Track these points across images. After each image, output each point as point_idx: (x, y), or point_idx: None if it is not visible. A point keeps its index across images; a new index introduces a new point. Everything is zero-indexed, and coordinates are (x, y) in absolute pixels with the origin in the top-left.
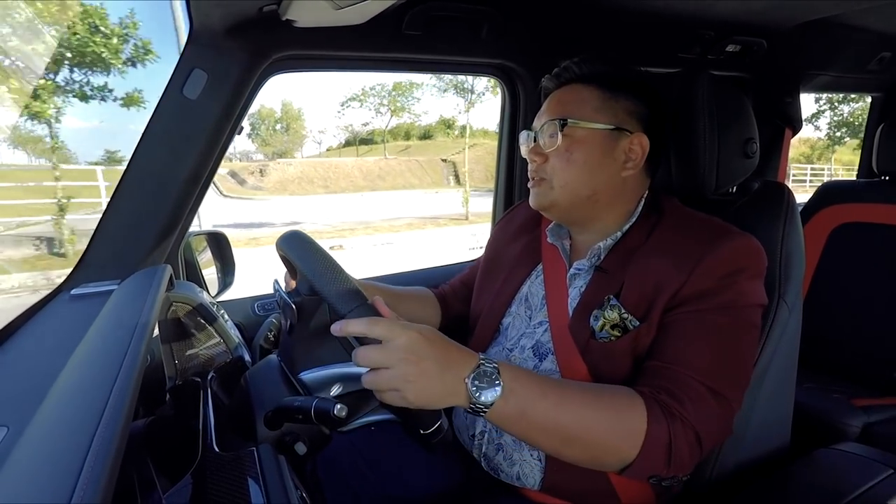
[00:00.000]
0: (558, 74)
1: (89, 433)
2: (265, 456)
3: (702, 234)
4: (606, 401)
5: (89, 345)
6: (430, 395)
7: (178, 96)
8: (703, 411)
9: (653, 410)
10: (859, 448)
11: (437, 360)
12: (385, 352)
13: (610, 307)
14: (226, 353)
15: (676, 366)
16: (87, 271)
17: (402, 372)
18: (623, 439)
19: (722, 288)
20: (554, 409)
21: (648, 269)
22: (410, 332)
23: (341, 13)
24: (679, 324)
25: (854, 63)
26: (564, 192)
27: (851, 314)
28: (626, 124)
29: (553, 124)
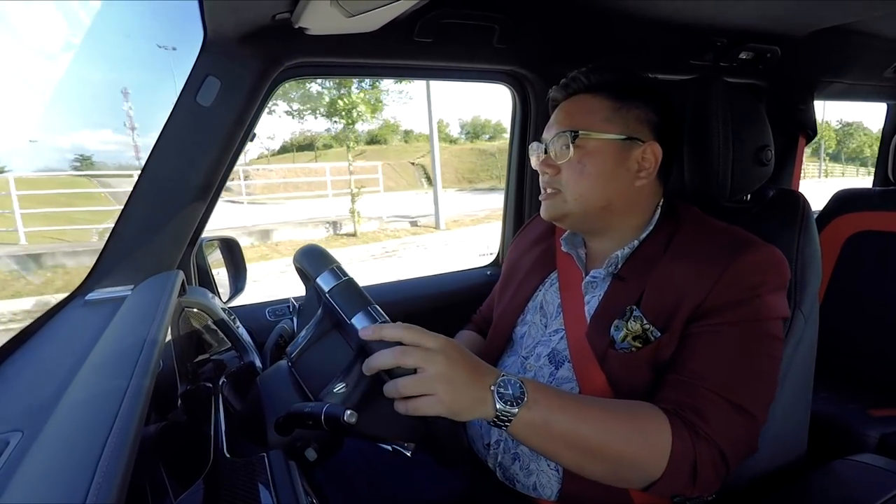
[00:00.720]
0: (566, 85)
1: (102, 438)
2: (276, 462)
3: (725, 243)
4: (629, 415)
5: (103, 350)
6: (462, 401)
7: (191, 103)
8: (727, 429)
9: (677, 428)
10: (877, 459)
11: (466, 367)
12: (422, 353)
13: (633, 318)
14: (237, 358)
15: (700, 381)
16: (102, 277)
17: (436, 372)
18: (647, 455)
19: (745, 300)
20: (576, 421)
21: (670, 279)
22: (443, 341)
23: (353, 21)
24: (702, 337)
25: (869, 71)
26: (578, 204)
27: (867, 323)
28: (637, 133)
29: (564, 136)
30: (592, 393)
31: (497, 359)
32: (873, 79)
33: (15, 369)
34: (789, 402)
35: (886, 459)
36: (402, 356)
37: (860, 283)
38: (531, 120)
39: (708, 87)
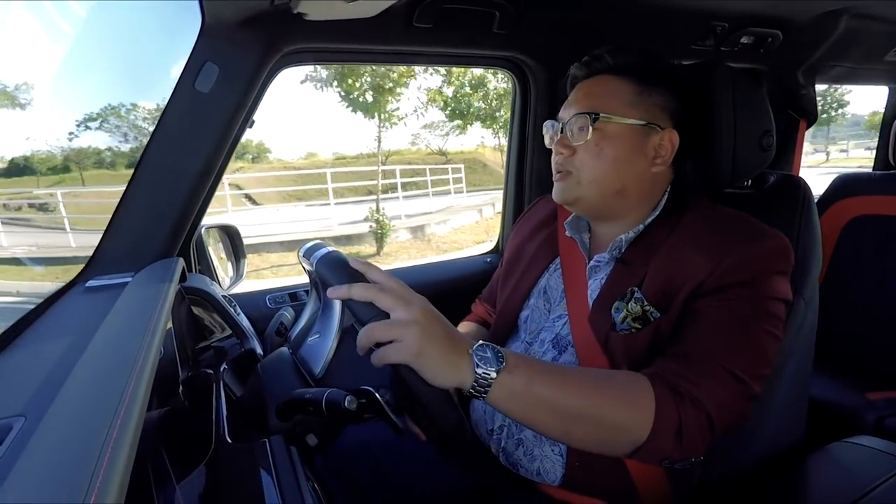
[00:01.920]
0: (588, 63)
1: (106, 423)
2: (277, 447)
3: (734, 230)
4: (611, 380)
5: (104, 337)
6: (435, 354)
7: (190, 90)
8: (716, 391)
9: (660, 390)
10: (874, 441)
11: (444, 327)
12: (397, 298)
13: (634, 300)
14: (238, 345)
15: (691, 348)
16: (102, 264)
17: (411, 318)
18: (631, 417)
19: (749, 283)
20: (558, 386)
21: (674, 262)
22: (420, 298)
23: (352, 6)
24: (699, 312)
25: (870, 54)
26: (592, 188)
27: (865, 307)
28: (657, 119)
29: (584, 117)
30: None
31: (502, 345)
32: (875, 62)
33: (16, 356)
34: (789, 386)
35: (884, 441)
36: (376, 293)
37: (859, 267)
38: (531, 107)
39: (712, 72)
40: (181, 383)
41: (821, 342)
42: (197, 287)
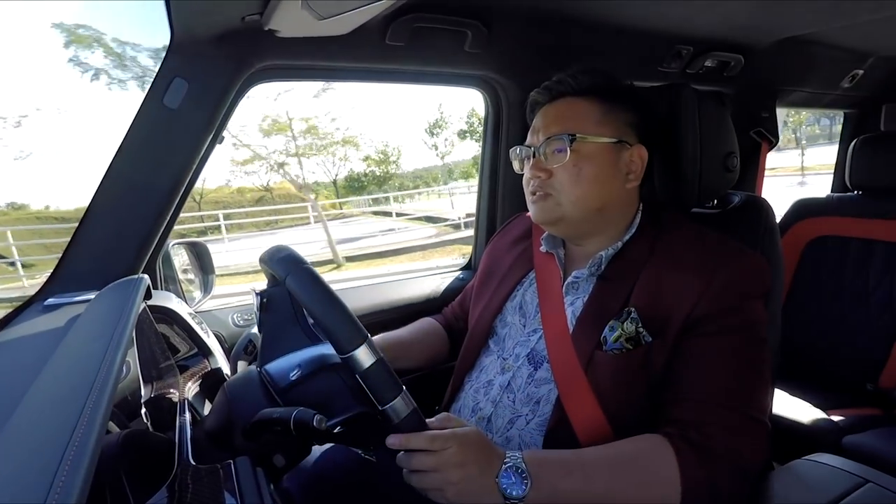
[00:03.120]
0: (550, 88)
1: (61, 447)
2: (242, 469)
3: (715, 251)
4: (632, 462)
5: (63, 356)
6: (468, 496)
7: (158, 105)
8: (740, 439)
9: (683, 455)
10: (834, 459)
11: (477, 464)
12: (437, 459)
13: (630, 320)
14: (204, 364)
15: (702, 396)
16: (63, 281)
17: (447, 477)
18: (659, 494)
19: (737, 308)
20: (583, 486)
21: (660, 284)
22: (460, 440)
23: (324, 24)
24: (697, 350)
25: (828, 80)
26: (575, 208)
27: (826, 325)
28: (626, 136)
29: (560, 140)
30: (573, 395)
31: (476, 358)
32: (832, 88)
33: None
34: None
35: (844, 460)
36: (417, 462)
37: (819, 286)
38: (503, 126)
39: (678, 94)
40: (143, 404)
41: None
42: (162, 305)
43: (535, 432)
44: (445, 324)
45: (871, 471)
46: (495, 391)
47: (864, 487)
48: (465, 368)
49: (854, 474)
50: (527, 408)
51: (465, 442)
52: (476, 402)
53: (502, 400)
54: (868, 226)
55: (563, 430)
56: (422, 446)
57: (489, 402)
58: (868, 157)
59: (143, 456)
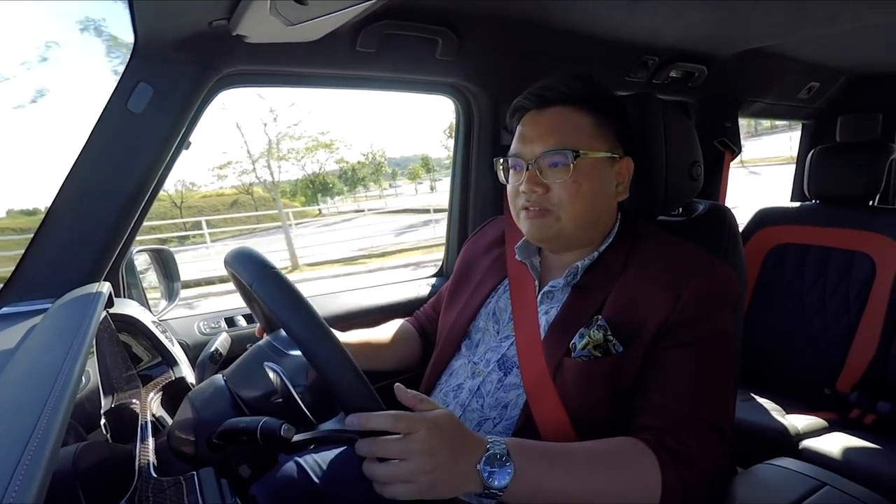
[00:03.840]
0: (541, 95)
1: (13, 461)
2: (206, 480)
3: (687, 262)
4: (617, 460)
5: (17, 368)
6: (444, 487)
7: (122, 110)
8: (709, 449)
9: (664, 461)
10: (793, 463)
11: (452, 451)
12: (404, 445)
13: (597, 327)
14: (168, 373)
15: (674, 404)
16: (19, 290)
17: (418, 465)
18: (639, 497)
19: (707, 317)
20: (567, 481)
21: (632, 294)
22: (430, 425)
23: (294, 30)
24: (670, 359)
25: (787, 91)
26: (573, 223)
27: (786, 331)
28: (615, 149)
29: (562, 154)
30: (540, 401)
31: (447, 363)
32: (790, 99)
33: None
34: None
35: (802, 463)
36: (379, 448)
37: (780, 292)
38: (474, 133)
39: (645, 103)
40: (104, 414)
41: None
42: (125, 313)
43: (501, 435)
44: (418, 326)
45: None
46: (465, 395)
47: (821, 490)
48: (437, 372)
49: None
50: (495, 412)
51: (437, 425)
52: (445, 405)
53: (471, 404)
54: (825, 234)
55: (529, 433)
56: (385, 426)
57: (458, 405)
58: (825, 167)
59: (102, 469)
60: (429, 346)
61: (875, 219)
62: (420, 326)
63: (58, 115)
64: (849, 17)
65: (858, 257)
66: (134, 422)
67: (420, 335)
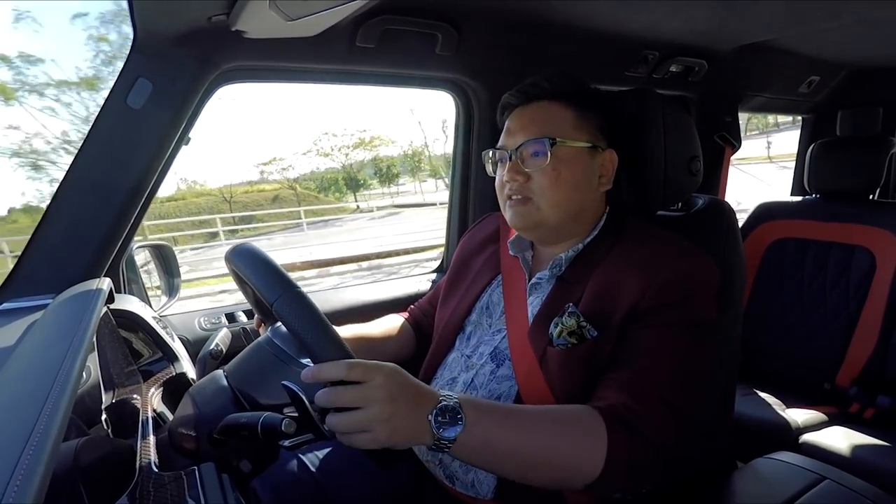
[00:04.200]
0: (524, 91)
1: (14, 456)
2: (207, 475)
3: (663, 250)
4: (566, 422)
5: (19, 361)
6: (400, 434)
7: (121, 105)
8: (661, 425)
9: (612, 428)
10: (793, 457)
11: (407, 400)
12: (361, 392)
13: (568, 314)
14: (169, 369)
15: (636, 379)
16: (20, 285)
17: (376, 412)
18: (585, 460)
19: (678, 303)
20: (516, 436)
21: (609, 281)
22: (384, 373)
23: (293, 25)
24: (638, 338)
25: (787, 86)
26: (554, 212)
27: (786, 326)
28: (598, 141)
29: (540, 143)
30: (531, 391)
31: (443, 357)
32: (790, 93)
33: None
34: (714, 403)
35: (802, 457)
36: (337, 397)
37: (780, 287)
38: (474, 128)
39: (644, 98)
40: (105, 409)
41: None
42: (125, 308)
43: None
44: (413, 321)
45: (828, 468)
46: (459, 388)
47: (821, 484)
48: (433, 367)
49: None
50: None
51: (391, 374)
52: None
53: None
54: (825, 229)
55: None
56: (339, 375)
57: None
58: (825, 162)
59: (103, 464)
60: (423, 341)
61: (875, 213)
62: (415, 321)
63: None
64: (849, 11)
65: (858, 251)
66: (135, 417)
67: (415, 329)
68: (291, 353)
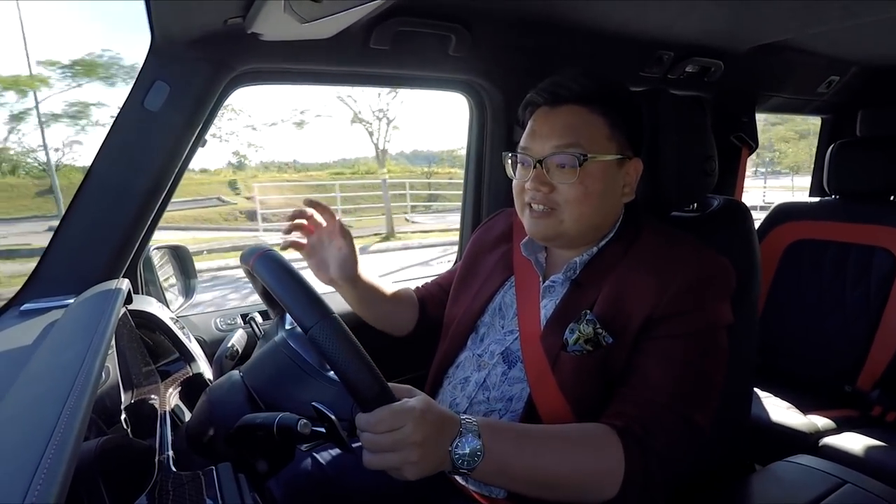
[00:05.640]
0: (553, 92)
1: (37, 455)
2: (224, 475)
3: (677, 254)
4: (583, 444)
5: (40, 362)
6: (425, 471)
7: (139, 108)
8: (675, 441)
9: (629, 449)
10: (813, 461)
11: (434, 440)
12: (394, 440)
13: (586, 322)
14: (186, 369)
15: (652, 395)
16: (40, 286)
17: (405, 456)
18: (602, 481)
19: (694, 310)
20: (533, 460)
21: (624, 286)
22: (416, 418)
23: (307, 27)
24: (653, 350)
25: (804, 86)
26: (577, 225)
27: (805, 328)
28: (626, 151)
29: (570, 157)
30: (543, 394)
31: (454, 356)
32: (808, 93)
33: None
34: (730, 405)
35: (822, 461)
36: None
37: (798, 289)
38: (487, 130)
39: (657, 99)
40: (124, 409)
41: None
42: (143, 309)
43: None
44: (419, 296)
45: (849, 471)
46: (471, 387)
47: (842, 488)
48: (445, 365)
49: (833, 475)
50: (500, 404)
51: (421, 417)
52: (453, 397)
53: (477, 396)
54: (845, 230)
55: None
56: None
57: (465, 397)
58: (845, 162)
59: (123, 463)
60: (425, 317)
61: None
62: (421, 297)
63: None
64: (866, 9)
65: (879, 253)
66: (153, 417)
67: (420, 304)
68: (307, 357)
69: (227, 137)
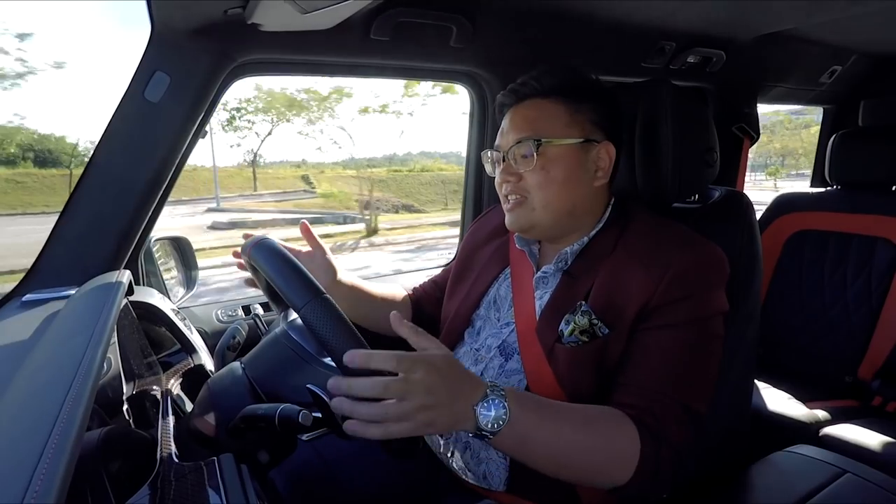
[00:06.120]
0: (515, 90)
1: (39, 445)
2: (226, 465)
3: (670, 242)
4: (600, 426)
5: (42, 352)
6: (439, 425)
7: (139, 99)
8: (682, 430)
9: (643, 436)
10: (814, 451)
11: (449, 391)
12: (403, 384)
13: (581, 313)
14: (187, 361)
15: (653, 384)
16: (41, 277)
17: (416, 403)
18: (617, 464)
19: (688, 298)
20: (552, 437)
21: (618, 277)
22: (429, 364)
23: (308, 18)
24: (650, 339)
25: (807, 76)
26: (546, 212)
27: (806, 319)
28: (592, 134)
29: (526, 144)
30: (540, 386)
31: (452, 350)
32: (811, 84)
33: None
34: (732, 396)
35: (823, 451)
36: (384, 390)
37: (800, 280)
38: (488, 121)
39: (657, 90)
40: (126, 400)
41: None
42: (144, 300)
43: None
44: (414, 296)
45: (849, 461)
46: None
47: (842, 478)
48: None
49: (833, 465)
50: None
51: (434, 365)
52: None
53: None
54: (846, 220)
55: None
56: (386, 367)
57: None
58: (847, 153)
59: (125, 454)
60: (419, 318)
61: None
62: (415, 298)
63: None
64: None
65: (881, 243)
66: (155, 408)
67: (413, 304)
68: (308, 348)
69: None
